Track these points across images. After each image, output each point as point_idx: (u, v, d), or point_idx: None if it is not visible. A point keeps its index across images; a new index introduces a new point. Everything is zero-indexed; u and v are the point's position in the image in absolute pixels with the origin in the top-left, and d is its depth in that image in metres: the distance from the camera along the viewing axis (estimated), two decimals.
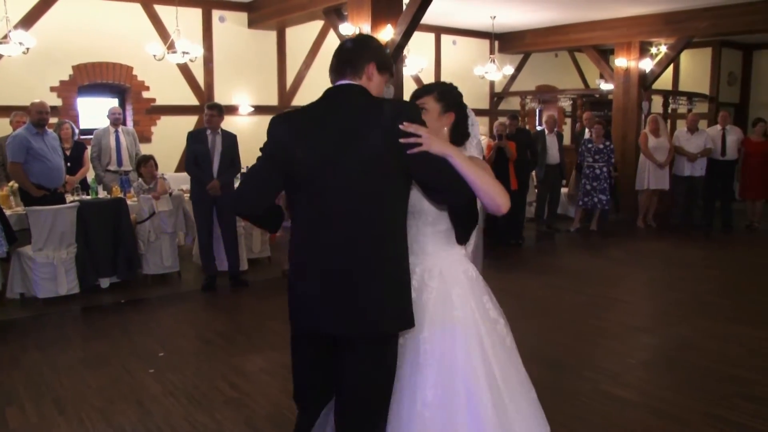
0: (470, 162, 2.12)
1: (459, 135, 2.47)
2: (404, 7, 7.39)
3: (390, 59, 2.36)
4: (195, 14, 9.19)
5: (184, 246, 7.67)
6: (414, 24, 7.21)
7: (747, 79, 13.65)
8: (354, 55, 2.23)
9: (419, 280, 2.35)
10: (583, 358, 4.65)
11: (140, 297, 6.26)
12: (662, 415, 3.69)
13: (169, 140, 9.05)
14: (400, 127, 2.04)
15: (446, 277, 2.34)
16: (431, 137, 2.06)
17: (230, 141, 6.43)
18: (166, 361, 4.58)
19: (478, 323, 2.30)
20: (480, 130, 2.69)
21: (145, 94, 8.99)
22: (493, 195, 2.12)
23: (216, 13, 9.40)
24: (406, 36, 7.32)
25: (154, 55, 7.88)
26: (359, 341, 2.16)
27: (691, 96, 12.28)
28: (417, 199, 2.31)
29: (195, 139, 6.36)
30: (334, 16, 8.15)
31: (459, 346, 2.25)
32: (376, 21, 7.27)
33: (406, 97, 2.59)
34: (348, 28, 7.47)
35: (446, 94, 2.45)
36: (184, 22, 8.25)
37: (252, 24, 9.67)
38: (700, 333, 5.15)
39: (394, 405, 2.26)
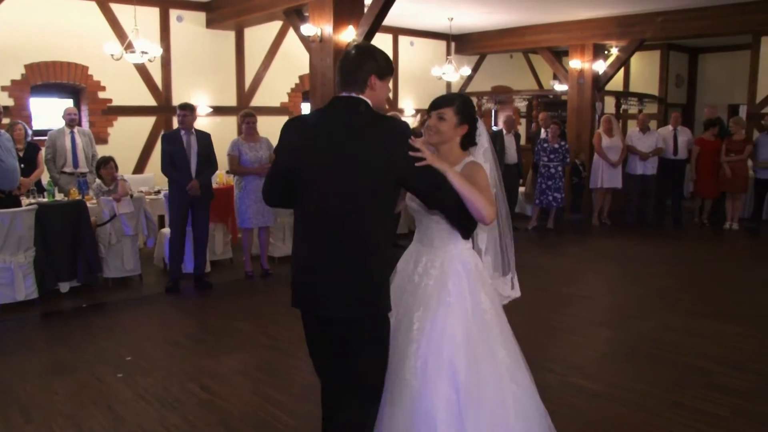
0: (461, 177, 2.45)
1: (468, 142, 2.72)
2: (366, 8, 7.44)
3: (390, 62, 2.49)
4: (152, 13, 9.04)
5: (143, 249, 7.54)
6: (376, 25, 7.25)
7: (693, 81, 14.16)
8: (355, 70, 2.40)
9: (424, 268, 2.68)
10: (549, 352, 4.77)
11: (102, 301, 6.14)
12: (629, 405, 3.83)
13: (126, 141, 8.88)
14: (410, 141, 2.33)
15: (445, 268, 2.63)
16: (433, 156, 2.38)
17: (205, 140, 6.42)
18: (134, 365, 4.51)
19: (467, 310, 2.57)
20: None
21: (101, 95, 8.80)
22: (479, 207, 2.43)
23: (174, 13, 9.25)
24: (368, 37, 7.35)
25: (112, 55, 7.72)
26: (352, 321, 2.38)
27: (641, 97, 12.67)
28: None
29: (170, 140, 6.30)
30: (294, 16, 8.13)
31: (448, 325, 2.54)
32: (338, 22, 7.29)
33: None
34: (309, 29, 7.47)
35: (465, 108, 2.68)
36: (141, 22, 8.10)
37: (210, 24, 9.56)
38: (660, 326, 5.34)
39: (388, 374, 2.53)
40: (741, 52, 12.57)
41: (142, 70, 8.98)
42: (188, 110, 6.30)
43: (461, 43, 12.88)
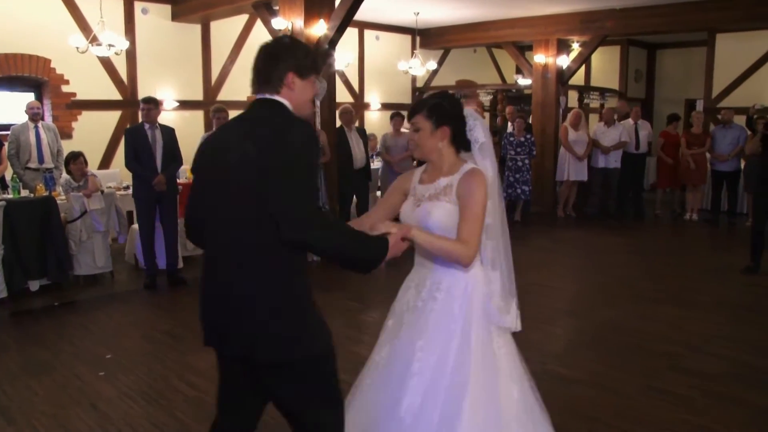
0: (427, 236, 2.25)
1: (460, 144, 2.46)
2: (337, 1, 7.44)
3: (313, 58, 2.19)
4: (116, 5, 8.86)
5: (113, 245, 7.43)
6: (348, 19, 7.27)
7: (651, 76, 14.54)
8: (268, 67, 2.10)
9: (428, 291, 2.43)
10: (524, 341, 4.88)
11: (74, 299, 6.05)
12: (604, 389, 3.98)
13: (91, 136, 8.71)
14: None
15: (452, 290, 2.40)
16: (397, 233, 2.16)
17: (169, 134, 6.36)
18: (115, 363, 4.48)
19: (475, 339, 2.36)
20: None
21: (65, 88, 8.60)
22: (451, 258, 2.28)
23: (138, 5, 9.09)
24: (340, 31, 7.37)
25: (77, 48, 7.57)
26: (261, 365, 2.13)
27: (603, 91, 12.96)
28: (423, 217, 2.38)
29: (134, 135, 6.22)
30: (264, 10, 8.08)
31: (452, 358, 2.32)
32: (309, 15, 7.29)
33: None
34: (280, 23, 7.44)
35: (434, 110, 2.39)
36: (106, 14, 7.93)
37: (176, 17, 9.43)
38: (627, 314, 5.54)
39: (378, 406, 2.36)
40: (697, 48, 12.96)
41: (106, 63, 8.82)
42: (152, 104, 6.24)
43: (426, 37, 12.96)
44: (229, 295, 2.07)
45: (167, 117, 9.28)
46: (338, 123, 8.04)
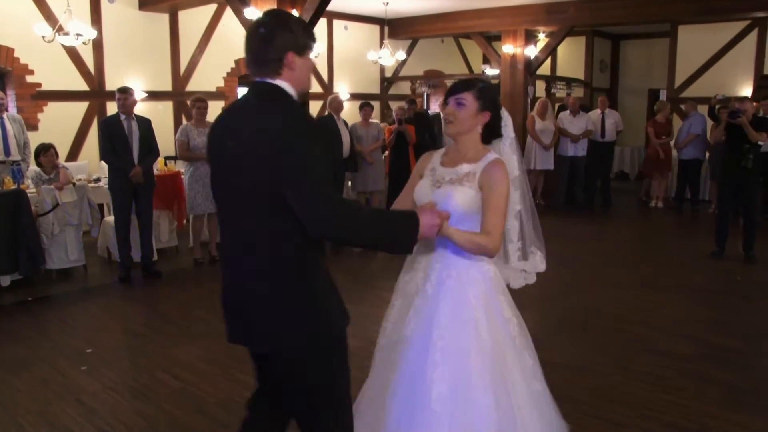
0: (463, 235, 2.26)
1: (490, 134, 2.48)
2: None
3: (309, 31, 2.08)
4: None
5: (85, 238, 7.31)
6: (322, 8, 7.25)
7: (615, 66, 14.82)
8: (264, 48, 1.99)
9: (438, 277, 2.43)
10: None
11: (48, 294, 5.95)
12: (585, 372, 4.11)
13: (58, 128, 8.50)
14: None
15: (463, 276, 2.41)
16: (431, 214, 2.13)
17: (146, 125, 6.30)
18: (96, 357, 4.44)
19: (491, 322, 2.39)
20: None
21: (29, 79, 8.38)
22: (480, 252, 2.33)
23: None
24: (313, 21, 7.35)
25: (43, 37, 7.38)
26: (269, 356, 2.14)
27: (569, 81, 13.16)
28: (443, 200, 2.37)
29: (110, 126, 6.12)
30: (235, 0, 7.98)
31: (472, 345, 2.34)
32: (282, 5, 7.23)
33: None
34: (253, 13, 7.37)
35: (485, 93, 2.42)
36: (71, 2, 7.74)
37: (143, 6, 9.25)
38: (600, 299, 5.69)
39: (405, 399, 2.34)
40: (659, 39, 13.25)
41: (72, 53, 8.62)
42: (128, 93, 6.16)
43: (394, 27, 12.97)
44: (243, 289, 2.08)
45: (136, 108, 9.10)
46: (327, 111, 8.14)
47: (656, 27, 12.49)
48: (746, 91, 11.09)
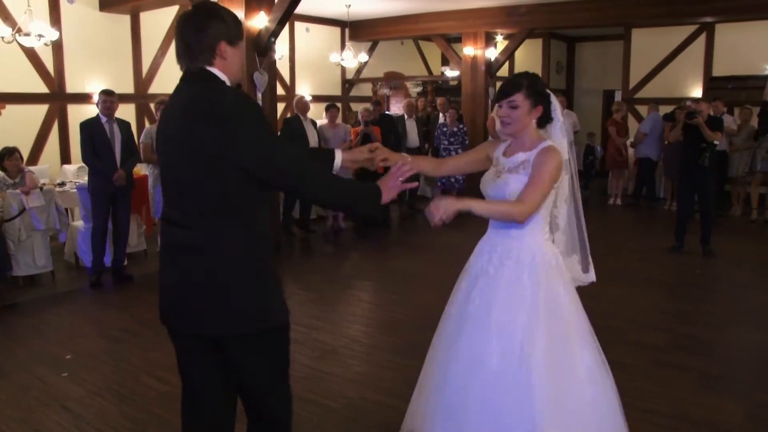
0: (484, 205, 2.47)
1: (543, 121, 2.58)
2: None
3: (239, 23, 2.16)
4: None
5: (51, 244, 7.14)
6: (290, 10, 7.26)
7: (571, 68, 15.20)
8: (197, 38, 2.03)
9: (499, 259, 2.56)
10: None
11: (16, 301, 5.80)
12: None
13: (16, 131, 8.26)
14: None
15: (522, 259, 2.52)
16: (445, 205, 2.34)
17: (127, 128, 6.27)
18: (77, 363, 4.37)
19: (544, 307, 2.46)
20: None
21: None
22: (507, 218, 2.47)
23: None
24: (281, 23, 7.36)
25: (2, 38, 7.20)
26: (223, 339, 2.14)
27: None
28: (502, 188, 2.54)
29: (92, 128, 6.03)
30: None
31: (522, 323, 2.44)
32: (250, 7, 7.23)
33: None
34: None
35: (532, 89, 2.50)
36: (30, 3, 7.56)
37: (104, 7, 9.09)
38: None
39: (460, 373, 2.48)
40: (612, 42, 13.65)
41: (31, 54, 8.41)
42: (114, 96, 6.11)
43: (355, 29, 13.02)
44: (188, 269, 2.08)
45: (96, 111, 8.92)
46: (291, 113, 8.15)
47: (611, 30, 12.87)
48: (696, 92, 11.55)
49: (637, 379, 4.01)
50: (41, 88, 8.64)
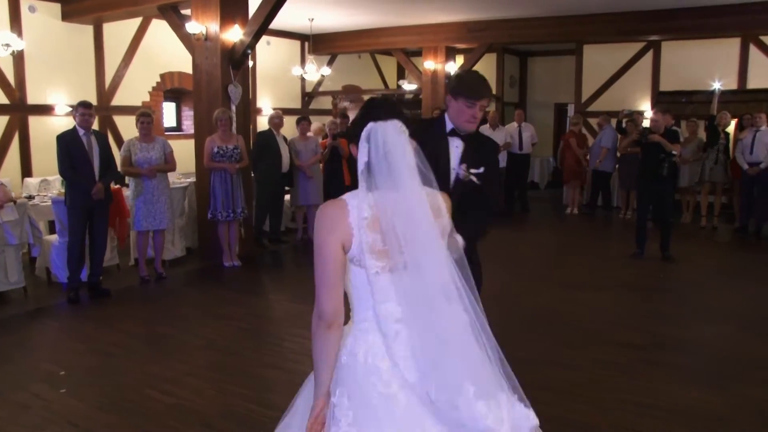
0: None
1: None
2: (251, 6, 7.45)
3: None
4: (0, 2, 8.25)
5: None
6: (266, 24, 7.32)
7: (524, 81, 15.68)
8: None
9: None
10: None
11: None
12: (558, 366, 4.44)
13: None
14: None
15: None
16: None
17: (104, 141, 6.18)
18: (72, 378, 4.30)
19: None
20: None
21: None
22: None
23: (25, 2, 8.51)
24: (257, 37, 7.41)
25: None
26: None
27: None
28: None
29: (69, 141, 5.89)
30: (171, 13, 7.89)
31: None
32: (225, 21, 7.26)
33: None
34: (195, 27, 7.32)
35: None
36: None
37: (66, 17, 8.92)
38: (550, 300, 6.09)
39: None
40: (564, 57, 14.17)
41: None
42: (92, 108, 6.02)
43: (315, 42, 13.12)
44: None
45: (59, 123, 8.76)
46: (267, 127, 8.27)
47: (562, 45, 13.37)
48: (645, 105, 12.12)
49: (627, 376, 4.24)
50: (1, 99, 8.40)
